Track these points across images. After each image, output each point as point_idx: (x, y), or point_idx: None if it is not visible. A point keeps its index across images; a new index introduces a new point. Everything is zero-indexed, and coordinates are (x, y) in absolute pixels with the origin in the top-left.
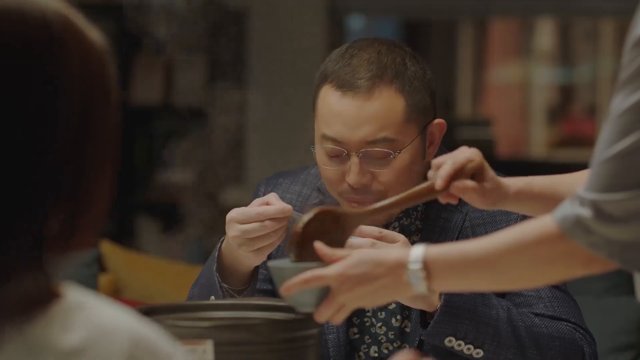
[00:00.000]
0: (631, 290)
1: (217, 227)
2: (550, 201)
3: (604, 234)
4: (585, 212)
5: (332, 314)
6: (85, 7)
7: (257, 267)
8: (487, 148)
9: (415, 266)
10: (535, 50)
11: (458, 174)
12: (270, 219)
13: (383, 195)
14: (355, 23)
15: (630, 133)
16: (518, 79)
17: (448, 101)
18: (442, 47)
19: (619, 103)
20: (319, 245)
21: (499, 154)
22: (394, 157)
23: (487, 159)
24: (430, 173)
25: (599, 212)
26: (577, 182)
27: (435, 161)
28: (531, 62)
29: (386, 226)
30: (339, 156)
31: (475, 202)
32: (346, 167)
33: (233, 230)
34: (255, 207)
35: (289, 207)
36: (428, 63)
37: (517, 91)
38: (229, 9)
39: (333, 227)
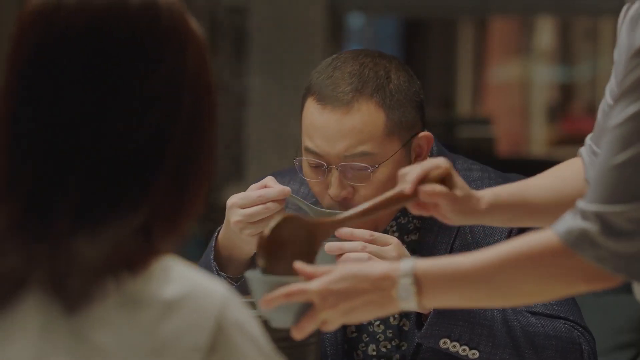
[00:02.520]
0: (631, 289)
1: (217, 226)
2: (520, 209)
3: (610, 247)
4: (590, 225)
5: (313, 329)
6: None
7: (254, 257)
8: (487, 146)
9: (405, 280)
10: (535, 49)
11: (425, 179)
12: (272, 201)
13: None
14: (356, 21)
15: (632, 144)
16: (518, 78)
17: (448, 100)
18: (442, 45)
19: (618, 113)
20: (299, 265)
21: (499, 152)
22: (373, 171)
23: (487, 157)
24: (399, 184)
25: (604, 224)
26: (546, 184)
27: (402, 171)
28: (531, 61)
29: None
30: (321, 168)
31: (446, 210)
32: (328, 179)
33: (235, 215)
34: (256, 190)
35: (288, 188)
36: (428, 62)
37: (517, 90)
38: (230, 7)
39: (302, 236)
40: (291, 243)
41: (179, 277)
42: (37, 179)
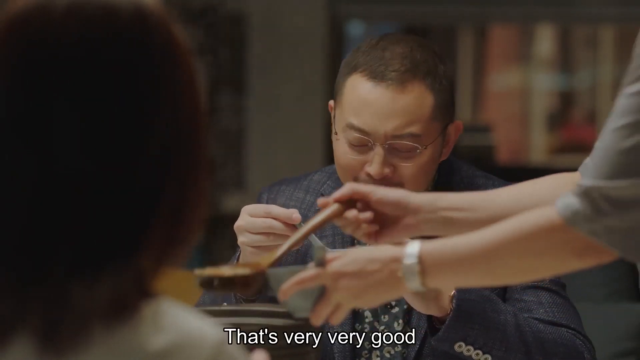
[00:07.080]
0: (633, 297)
1: (218, 234)
2: (464, 214)
3: (605, 222)
4: (587, 200)
5: (329, 314)
6: None
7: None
8: (487, 154)
9: (409, 260)
10: (535, 56)
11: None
12: (277, 234)
13: (401, 188)
14: (355, 29)
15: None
16: (518, 85)
17: None
18: (441, 53)
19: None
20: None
21: (499, 160)
22: (420, 152)
23: (487, 165)
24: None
25: (602, 199)
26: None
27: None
28: (531, 69)
29: None
30: (363, 146)
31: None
32: (368, 157)
33: (242, 236)
34: (263, 218)
35: (298, 217)
36: None
37: (517, 97)
38: (229, 14)
39: None
40: None
41: (169, 325)
42: (32, 222)
